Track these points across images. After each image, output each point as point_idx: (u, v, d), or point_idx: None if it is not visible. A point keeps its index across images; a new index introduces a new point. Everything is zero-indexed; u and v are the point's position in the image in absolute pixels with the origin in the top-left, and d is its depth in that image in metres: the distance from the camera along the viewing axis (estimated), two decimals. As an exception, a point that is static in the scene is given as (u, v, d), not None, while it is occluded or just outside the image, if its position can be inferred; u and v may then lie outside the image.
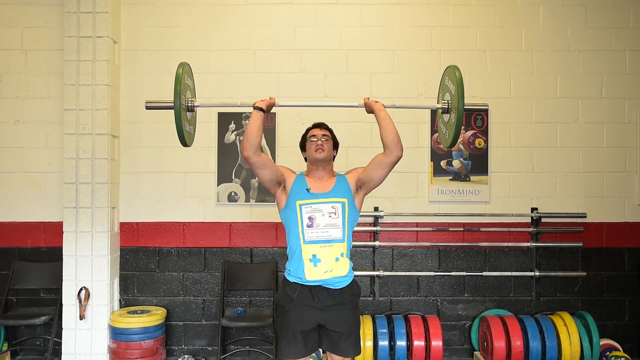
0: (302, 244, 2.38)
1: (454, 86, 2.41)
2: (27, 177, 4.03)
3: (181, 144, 2.47)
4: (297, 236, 2.40)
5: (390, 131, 2.35)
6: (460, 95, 2.35)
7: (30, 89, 4.02)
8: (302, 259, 2.38)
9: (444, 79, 2.61)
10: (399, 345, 3.67)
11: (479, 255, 4.05)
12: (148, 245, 4.05)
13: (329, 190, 2.44)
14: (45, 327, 3.96)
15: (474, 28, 4.06)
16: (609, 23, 4.06)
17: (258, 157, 2.34)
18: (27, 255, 4.03)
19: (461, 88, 2.36)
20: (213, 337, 4.03)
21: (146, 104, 2.46)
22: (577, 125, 4.06)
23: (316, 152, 2.46)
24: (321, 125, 2.56)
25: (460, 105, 2.35)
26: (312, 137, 2.51)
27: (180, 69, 2.37)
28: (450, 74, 2.50)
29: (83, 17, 3.80)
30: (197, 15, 4.06)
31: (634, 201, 4.05)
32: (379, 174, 2.44)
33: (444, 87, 2.61)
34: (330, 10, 4.07)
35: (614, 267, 4.05)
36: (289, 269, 2.45)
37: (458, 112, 2.37)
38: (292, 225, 2.42)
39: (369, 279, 4.05)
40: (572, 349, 3.59)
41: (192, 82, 2.60)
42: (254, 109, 2.38)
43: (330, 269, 2.37)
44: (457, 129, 2.40)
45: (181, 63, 2.41)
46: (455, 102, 2.41)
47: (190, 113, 2.53)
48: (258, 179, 2.45)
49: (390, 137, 2.35)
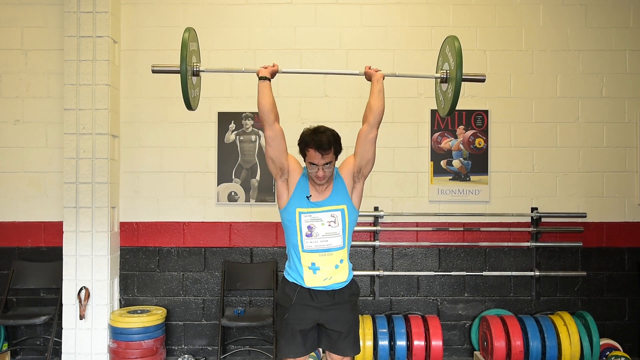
0: (301, 252, 2.34)
1: (453, 56, 2.48)
2: (27, 176, 4.03)
3: (187, 107, 2.54)
4: (296, 244, 2.35)
5: (381, 101, 2.40)
6: (459, 65, 2.41)
7: (30, 88, 4.02)
8: (302, 265, 2.35)
9: (444, 48, 2.66)
10: (399, 345, 3.67)
11: (479, 255, 4.05)
12: (148, 245, 4.05)
13: (328, 197, 2.35)
14: (45, 326, 3.96)
15: (474, 28, 4.06)
16: (609, 23, 4.06)
17: (270, 129, 2.31)
18: (27, 255, 4.03)
19: (459, 58, 2.41)
20: (213, 337, 4.03)
21: (152, 67, 2.54)
22: (577, 125, 4.06)
23: (316, 179, 2.31)
24: (323, 146, 2.25)
25: (458, 76, 2.42)
26: (312, 165, 2.29)
27: (186, 34, 2.42)
28: (450, 44, 2.55)
29: (83, 16, 3.80)
30: (197, 15, 4.06)
31: (634, 201, 4.05)
32: (370, 149, 2.43)
33: (443, 56, 2.67)
34: (330, 10, 4.07)
35: (614, 267, 4.05)
36: (288, 270, 2.43)
37: (456, 82, 2.44)
38: (291, 232, 2.37)
39: (369, 278, 4.05)
40: (572, 349, 3.59)
41: (197, 46, 2.65)
42: (260, 80, 2.38)
43: (329, 277, 2.34)
44: (455, 98, 2.47)
45: (187, 28, 2.46)
46: (453, 73, 2.48)
47: (195, 77, 2.59)
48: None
49: (379, 107, 2.39)
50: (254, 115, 4.03)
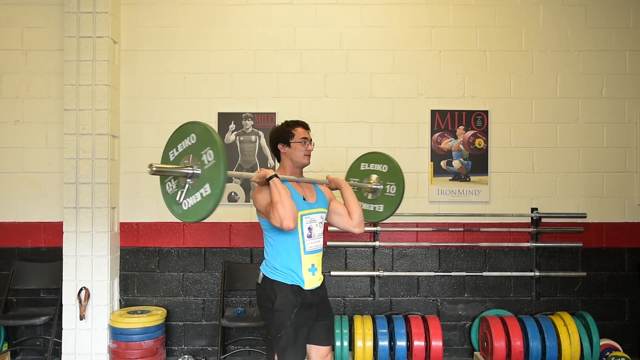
0: (303, 255, 2.36)
1: (383, 164, 2.92)
2: (27, 177, 4.03)
3: None
4: (298, 247, 2.35)
5: (359, 208, 2.53)
6: (397, 168, 2.90)
7: (30, 89, 4.02)
8: (302, 270, 2.36)
9: (359, 166, 3.04)
10: (399, 345, 3.67)
11: (479, 256, 4.05)
12: (148, 245, 4.05)
13: (317, 199, 2.49)
14: (45, 327, 3.96)
15: (474, 28, 4.06)
16: (609, 23, 4.06)
17: (290, 227, 2.21)
18: (27, 255, 4.03)
19: (393, 165, 2.91)
20: (213, 337, 4.03)
21: (153, 168, 2.07)
22: (577, 125, 4.06)
23: (305, 158, 2.44)
24: (306, 125, 2.52)
25: (399, 178, 2.88)
26: (303, 139, 2.42)
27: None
28: (369, 159, 3.01)
29: (83, 17, 3.80)
30: (197, 15, 4.06)
31: (634, 201, 4.05)
32: (333, 221, 2.57)
33: (363, 173, 3.02)
34: (330, 10, 4.06)
35: (614, 267, 4.05)
36: (280, 272, 2.35)
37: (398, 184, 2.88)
38: (293, 236, 2.35)
39: (369, 279, 4.05)
40: (572, 349, 3.59)
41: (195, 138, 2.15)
42: (269, 180, 2.26)
43: (321, 276, 2.47)
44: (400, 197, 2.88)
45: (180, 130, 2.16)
46: (390, 176, 2.91)
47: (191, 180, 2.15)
48: None
49: (359, 215, 2.52)
50: (254, 116, 4.03)
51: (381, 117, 4.03)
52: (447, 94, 4.05)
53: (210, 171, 2.02)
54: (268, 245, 2.42)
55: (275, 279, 2.36)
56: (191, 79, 4.06)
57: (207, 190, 2.02)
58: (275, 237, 2.38)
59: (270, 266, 2.40)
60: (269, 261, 2.41)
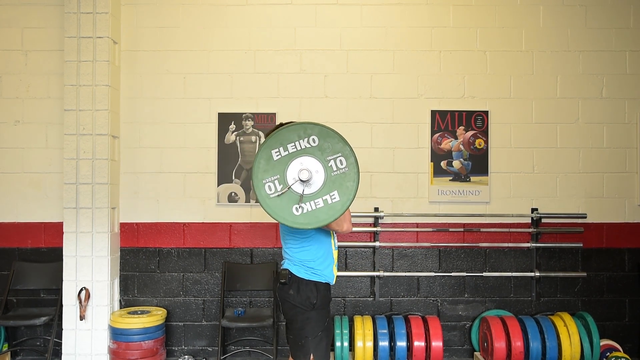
0: (334, 251, 2.48)
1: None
2: (27, 177, 4.03)
3: None
4: (330, 244, 2.45)
5: (342, 227, 2.33)
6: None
7: (30, 89, 4.02)
8: (333, 264, 2.46)
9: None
10: (399, 345, 3.67)
11: (479, 256, 4.05)
12: (148, 245, 4.05)
13: None
14: (45, 327, 3.96)
15: (474, 28, 4.06)
16: (609, 23, 4.06)
17: None
18: (27, 255, 4.03)
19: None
20: (213, 338, 4.03)
21: None
22: (577, 126, 4.06)
23: None
24: None
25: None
26: None
27: None
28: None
29: (83, 17, 3.80)
30: (197, 15, 4.06)
31: (634, 201, 4.05)
32: None
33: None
34: (330, 11, 4.06)
35: (614, 268, 4.05)
36: (317, 272, 2.40)
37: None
38: (328, 237, 2.44)
39: (369, 279, 4.05)
40: (572, 350, 3.59)
41: None
42: None
43: None
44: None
45: None
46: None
47: None
48: None
49: (341, 228, 2.34)
50: (254, 116, 4.03)
51: (381, 117, 4.04)
52: (447, 94, 4.05)
53: (340, 178, 2.12)
54: (304, 250, 2.39)
55: (312, 279, 2.38)
56: (191, 79, 4.06)
57: (334, 197, 2.10)
58: (311, 242, 2.38)
59: (306, 267, 2.39)
60: (305, 264, 2.39)
